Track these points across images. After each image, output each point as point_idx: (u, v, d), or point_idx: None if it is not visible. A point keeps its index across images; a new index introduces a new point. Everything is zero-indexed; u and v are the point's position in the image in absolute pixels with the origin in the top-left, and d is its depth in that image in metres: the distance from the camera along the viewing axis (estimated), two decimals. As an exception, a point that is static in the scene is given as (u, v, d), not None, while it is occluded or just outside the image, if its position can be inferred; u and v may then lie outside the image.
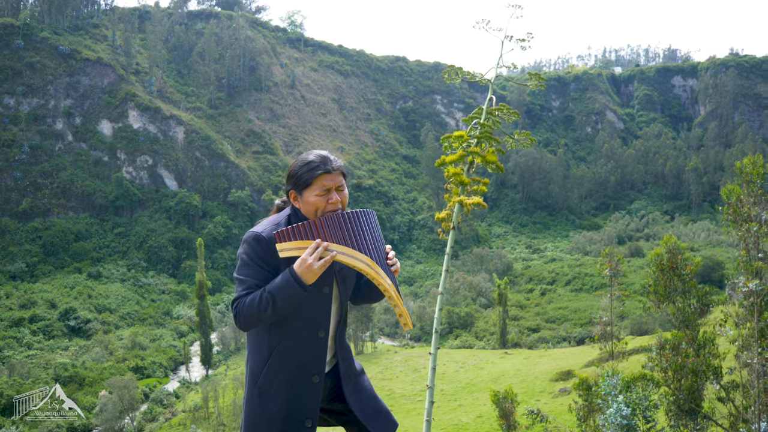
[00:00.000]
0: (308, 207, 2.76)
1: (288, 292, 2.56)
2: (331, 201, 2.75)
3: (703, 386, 13.32)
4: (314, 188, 2.74)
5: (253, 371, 2.79)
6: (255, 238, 2.71)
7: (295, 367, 2.76)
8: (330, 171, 2.77)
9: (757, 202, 9.97)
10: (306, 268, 2.57)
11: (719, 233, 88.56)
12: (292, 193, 2.82)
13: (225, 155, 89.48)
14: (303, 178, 2.75)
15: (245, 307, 2.60)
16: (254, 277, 2.66)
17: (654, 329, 48.81)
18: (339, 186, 2.78)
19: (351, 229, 2.71)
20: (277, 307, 2.57)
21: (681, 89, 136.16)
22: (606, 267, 17.18)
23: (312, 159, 2.78)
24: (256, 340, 2.80)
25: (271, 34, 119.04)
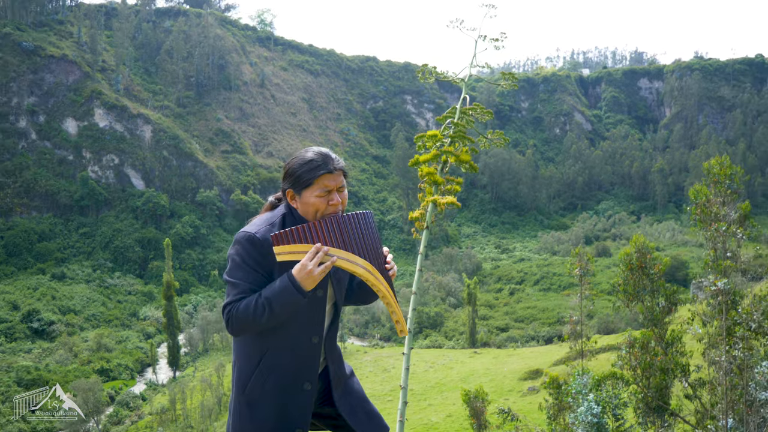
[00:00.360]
0: (307, 208, 2.63)
1: (286, 298, 2.43)
2: (332, 203, 2.63)
3: (671, 384, 13.46)
4: (315, 189, 2.60)
5: (241, 378, 2.64)
6: (248, 239, 2.55)
7: (287, 374, 2.62)
8: (332, 171, 2.63)
9: (726, 203, 10.07)
10: (306, 274, 2.43)
11: (684, 233, 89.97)
12: (290, 192, 2.68)
13: (193, 154, 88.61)
14: (303, 177, 2.61)
15: (239, 313, 2.45)
16: (247, 281, 2.52)
17: (620, 328, 49.35)
18: (340, 187, 2.65)
19: (351, 233, 2.60)
20: (274, 314, 2.43)
21: (647, 91, 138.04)
22: (576, 266, 17.27)
23: (313, 157, 2.63)
24: (245, 345, 2.65)
25: (241, 32, 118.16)
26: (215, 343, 58.93)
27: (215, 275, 74.71)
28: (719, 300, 10.38)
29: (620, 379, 13.38)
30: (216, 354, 55.81)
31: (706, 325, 12.74)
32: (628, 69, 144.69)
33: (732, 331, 10.47)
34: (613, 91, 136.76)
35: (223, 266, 74.76)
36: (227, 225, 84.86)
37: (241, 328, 2.48)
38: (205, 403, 40.73)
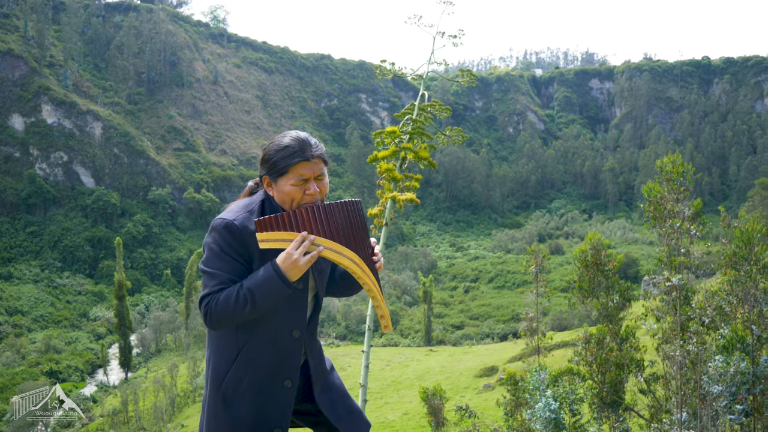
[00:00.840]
0: (282, 196, 2.49)
1: (270, 288, 2.29)
2: (308, 192, 2.49)
3: (626, 379, 13.66)
4: (290, 177, 2.47)
5: (217, 374, 2.48)
6: (226, 227, 2.39)
7: (266, 370, 2.47)
8: (309, 158, 2.48)
9: (679, 200, 10.23)
10: (291, 264, 2.30)
11: (634, 231, 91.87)
12: (266, 179, 2.54)
13: (145, 152, 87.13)
14: (278, 164, 2.47)
15: (219, 305, 2.30)
16: (227, 271, 2.36)
17: (574, 325, 50.12)
18: (319, 175, 2.52)
19: (338, 222, 2.47)
20: (256, 305, 2.29)
21: (598, 92, 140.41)
22: (531, 264, 17.42)
23: (289, 143, 2.49)
24: (221, 338, 2.49)
25: (193, 28, 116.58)
26: (168, 343, 58.10)
27: (168, 275, 73.63)
28: (673, 296, 10.55)
29: (577, 374, 13.52)
30: (169, 354, 55.02)
31: (660, 320, 12.96)
32: (579, 69, 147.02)
33: (686, 326, 10.65)
34: (565, 91, 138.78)
35: (176, 265, 73.90)
36: (180, 224, 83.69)
37: (220, 321, 2.33)
38: (158, 405, 40.11)
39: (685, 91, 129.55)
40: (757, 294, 11.72)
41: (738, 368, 10.63)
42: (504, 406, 16.18)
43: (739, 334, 11.29)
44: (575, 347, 14.22)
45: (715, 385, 11.06)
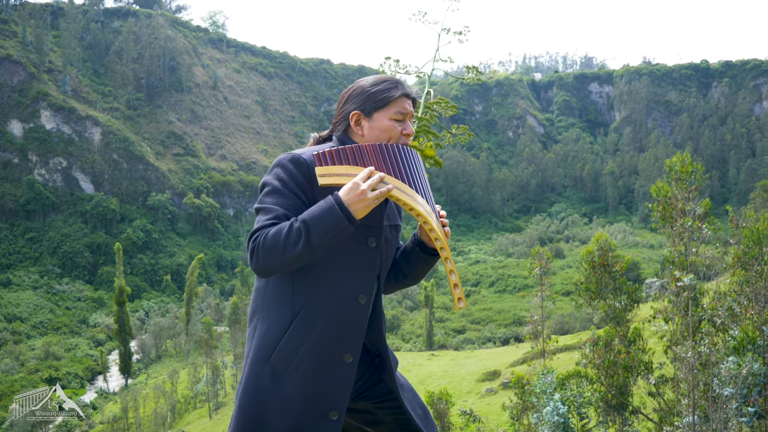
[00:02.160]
0: (377, 133, 2.15)
1: (330, 223, 1.92)
2: (406, 131, 2.18)
3: (634, 382, 13.49)
4: (390, 110, 2.15)
5: (265, 342, 2.06)
6: (292, 160, 2.06)
7: (326, 341, 2.06)
8: (410, 95, 2.20)
9: (690, 198, 10.07)
10: (357, 195, 1.95)
11: (635, 235, 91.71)
12: (357, 114, 2.18)
13: (144, 157, 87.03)
14: (378, 95, 2.15)
15: (268, 239, 1.93)
16: (285, 206, 2.01)
17: (575, 328, 49.93)
18: (412, 116, 2.22)
19: (409, 167, 2.10)
20: (311, 243, 1.91)
21: (597, 95, 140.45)
22: (536, 266, 17.27)
23: (388, 78, 2.20)
24: (273, 302, 2.08)
25: (192, 34, 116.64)
26: (168, 349, 57.88)
27: (168, 280, 73.43)
28: (684, 296, 10.37)
29: (584, 377, 13.35)
30: (169, 360, 54.81)
31: (668, 322, 12.78)
32: (578, 73, 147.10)
33: (697, 327, 10.48)
34: (565, 95, 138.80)
35: (176, 271, 73.74)
36: (180, 229, 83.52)
37: (268, 262, 1.94)
38: (158, 411, 39.89)
39: (684, 94, 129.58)
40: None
41: (750, 370, 10.47)
42: (510, 410, 16.01)
43: (749, 335, 11.12)
44: (582, 350, 14.06)
45: (727, 387, 10.89)
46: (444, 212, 2.24)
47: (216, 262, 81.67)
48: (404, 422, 2.31)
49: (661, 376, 13.88)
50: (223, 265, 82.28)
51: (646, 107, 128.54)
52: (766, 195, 56.61)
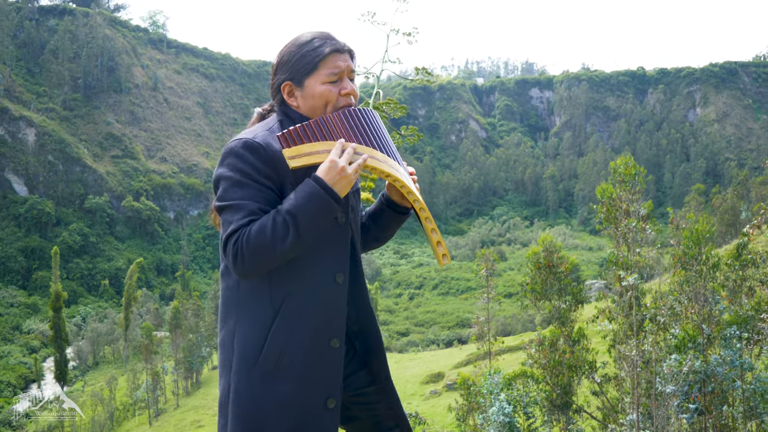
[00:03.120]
0: (313, 101, 1.95)
1: (317, 209, 1.79)
2: (345, 90, 1.96)
3: (579, 381, 13.68)
4: (321, 73, 1.94)
5: (249, 346, 1.89)
6: (246, 146, 1.85)
7: (311, 329, 1.91)
8: (341, 50, 1.97)
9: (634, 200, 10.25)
10: (338, 173, 1.81)
11: (574, 237, 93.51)
12: (287, 85, 1.97)
13: (81, 159, 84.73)
14: (305, 59, 1.94)
15: (252, 238, 1.76)
16: (255, 199, 1.83)
17: (517, 330, 50.55)
18: (351, 71, 1.99)
19: (373, 129, 1.96)
20: (301, 234, 1.77)
21: (538, 100, 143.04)
22: (483, 267, 17.38)
23: (313, 36, 1.98)
24: (249, 301, 1.91)
25: (132, 33, 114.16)
26: (106, 355, 56.48)
27: (106, 285, 71.63)
28: (628, 296, 10.54)
29: (530, 377, 13.47)
30: (107, 367, 53.47)
31: (612, 321, 12.99)
32: (520, 79, 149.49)
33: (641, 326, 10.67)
34: (506, 100, 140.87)
35: (114, 276, 71.96)
36: (118, 233, 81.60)
37: (256, 262, 1.78)
38: (96, 419, 38.87)
39: (621, 100, 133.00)
40: (707, 294, 11.86)
41: (691, 367, 10.69)
42: (456, 412, 16.05)
43: (690, 333, 11.37)
44: (527, 350, 14.18)
45: (669, 384, 11.10)
46: (412, 168, 2.12)
47: (156, 267, 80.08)
48: (377, 420, 2.16)
49: (605, 375, 14.12)
50: (164, 269, 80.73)
51: (585, 112, 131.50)
52: (701, 198, 58.44)
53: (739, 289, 13.43)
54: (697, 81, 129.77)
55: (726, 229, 46.63)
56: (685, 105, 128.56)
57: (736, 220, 47.39)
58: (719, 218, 47.38)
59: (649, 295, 13.08)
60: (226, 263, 1.92)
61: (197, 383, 47.28)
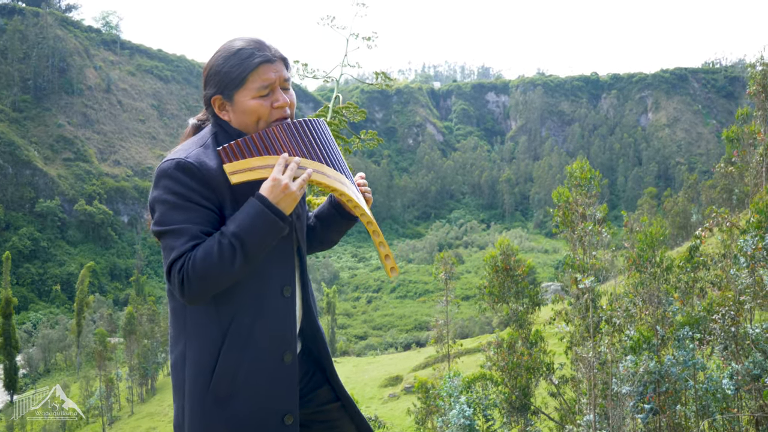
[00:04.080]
0: (244, 117, 1.86)
1: (264, 229, 1.74)
2: (278, 103, 1.87)
3: (536, 383, 13.82)
4: (251, 87, 1.85)
5: (201, 368, 1.83)
6: (179, 167, 1.77)
7: (262, 347, 1.86)
8: (272, 60, 1.87)
9: (590, 204, 10.40)
10: (282, 191, 1.76)
11: (530, 240, 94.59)
12: (217, 99, 1.89)
13: (31, 162, 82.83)
14: (233, 73, 1.84)
15: (197, 263, 1.70)
16: (195, 222, 1.76)
17: (474, 332, 50.90)
18: (284, 81, 1.90)
19: (318, 141, 1.92)
20: (248, 254, 1.73)
21: (494, 105, 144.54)
22: (441, 271, 17.46)
23: (242, 46, 1.87)
24: (197, 324, 1.86)
25: (84, 34, 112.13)
26: (58, 362, 55.28)
27: (57, 290, 70.09)
28: (585, 298, 10.69)
29: (489, 380, 13.56)
30: (59, 374, 52.33)
31: (569, 323, 13.16)
32: (476, 83, 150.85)
33: (597, 328, 10.83)
34: (463, 104, 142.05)
35: (66, 281, 70.49)
36: (70, 237, 79.95)
37: (203, 288, 1.73)
38: (47, 428, 37.98)
39: (575, 105, 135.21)
40: (661, 296, 12.10)
41: (647, 368, 10.89)
42: (415, 415, 16.08)
43: (644, 334, 11.59)
44: (486, 352, 14.29)
45: (625, 385, 11.30)
46: (363, 178, 2.11)
47: (109, 271, 78.70)
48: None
49: (562, 376, 14.29)
50: (117, 274, 79.38)
51: (541, 117, 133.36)
52: (653, 202, 59.63)
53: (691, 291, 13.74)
54: (648, 86, 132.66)
55: (677, 232, 47.61)
56: (637, 110, 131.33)
57: (687, 222, 48.41)
58: (671, 221, 48.34)
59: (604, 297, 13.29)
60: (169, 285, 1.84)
61: (152, 390, 46.57)
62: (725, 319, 11.24)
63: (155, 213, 1.80)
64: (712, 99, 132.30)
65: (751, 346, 11.30)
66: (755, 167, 18.72)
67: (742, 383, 11.24)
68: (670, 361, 11.65)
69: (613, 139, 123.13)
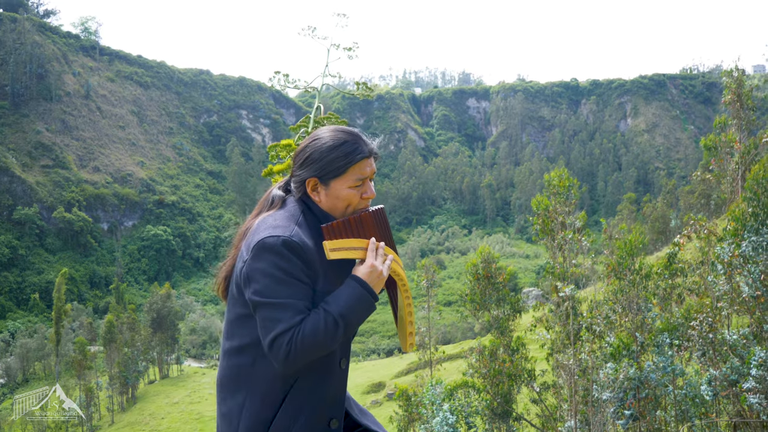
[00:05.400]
0: (336, 202, 2.02)
1: (364, 309, 1.92)
2: (366, 195, 2.04)
3: (518, 389, 13.91)
4: (348, 178, 2.01)
5: (257, 421, 1.97)
6: (286, 245, 1.89)
7: (316, 409, 2.01)
8: (368, 155, 2.05)
9: (570, 212, 10.50)
10: (377, 277, 1.93)
11: (511, 245, 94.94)
12: (313, 181, 2.03)
13: (9, 169, 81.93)
14: (335, 164, 2.00)
15: (306, 338, 1.85)
16: (299, 298, 1.89)
17: (456, 338, 51.01)
18: (373, 174, 2.09)
19: (388, 230, 2.11)
20: (348, 332, 1.92)
21: (475, 110, 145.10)
22: (423, 278, 17.51)
23: (345, 138, 2.04)
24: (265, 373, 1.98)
25: (62, 40, 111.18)
26: (36, 371, 54.65)
27: (36, 299, 69.32)
28: (565, 306, 10.79)
29: (472, 387, 13.62)
30: (37, 383, 51.68)
31: (550, 330, 13.27)
32: (457, 89, 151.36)
33: (577, 335, 10.93)
34: (444, 110, 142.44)
35: (45, 289, 69.68)
36: (49, 245, 79.12)
37: (305, 358, 1.87)
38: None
39: (555, 110, 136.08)
40: (640, 302, 12.24)
41: (626, 374, 11.01)
42: (397, 423, 16.09)
43: (624, 341, 11.71)
44: (468, 359, 14.36)
45: (605, 391, 11.41)
46: None
47: (89, 279, 77.96)
48: None
49: (544, 383, 14.38)
50: (97, 281, 78.66)
51: (521, 122, 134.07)
52: (632, 207, 60.15)
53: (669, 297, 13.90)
54: (627, 92, 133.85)
55: (657, 237, 48.04)
56: (617, 115, 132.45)
57: (666, 228, 48.88)
58: (650, 226, 48.79)
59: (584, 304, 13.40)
60: (240, 342, 2.00)
61: (133, 398, 46.19)
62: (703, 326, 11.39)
63: (255, 284, 1.90)
64: (690, 104, 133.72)
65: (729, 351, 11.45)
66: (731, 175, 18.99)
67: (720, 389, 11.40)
68: (649, 367, 11.79)
69: (593, 144, 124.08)
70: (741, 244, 10.23)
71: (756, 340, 11.20)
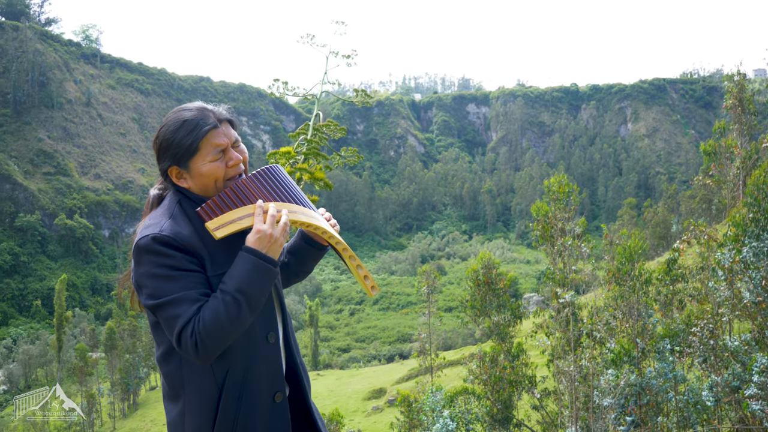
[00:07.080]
0: (202, 180, 1.96)
1: (262, 279, 1.85)
2: (231, 162, 1.97)
3: (519, 396, 13.89)
4: (204, 153, 1.95)
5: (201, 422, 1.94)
6: (158, 240, 1.85)
7: (255, 391, 1.97)
8: (217, 125, 1.97)
9: (570, 218, 10.50)
10: (268, 241, 1.87)
11: (512, 251, 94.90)
12: (174, 169, 1.98)
13: (11, 176, 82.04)
14: (184, 144, 1.93)
15: (208, 325, 1.78)
16: (190, 287, 1.84)
17: (457, 344, 50.94)
18: (234, 141, 2.01)
19: (282, 184, 2.04)
20: (252, 305, 1.83)
21: (475, 116, 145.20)
22: (424, 284, 17.52)
23: (188, 117, 1.96)
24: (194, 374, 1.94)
25: (64, 48, 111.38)
26: (39, 378, 54.63)
27: (38, 306, 69.33)
28: (565, 312, 10.78)
29: (472, 393, 13.60)
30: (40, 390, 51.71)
31: (550, 336, 13.25)
32: (457, 94, 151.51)
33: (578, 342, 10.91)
34: (444, 116, 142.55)
35: (47, 296, 69.71)
36: (51, 251, 79.18)
37: (215, 345, 1.80)
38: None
39: (555, 115, 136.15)
40: (640, 308, 12.23)
41: (627, 381, 10.99)
42: (398, 429, 16.07)
43: (625, 347, 11.69)
44: (468, 365, 14.34)
45: (606, 398, 11.39)
46: (323, 210, 2.19)
47: (90, 286, 77.99)
48: None
49: (544, 389, 14.36)
50: (98, 288, 78.68)
51: (521, 128, 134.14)
52: (633, 212, 60.15)
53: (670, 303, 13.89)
54: (627, 97, 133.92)
55: (658, 242, 48.01)
56: (617, 120, 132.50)
57: (668, 233, 48.85)
58: (651, 231, 48.78)
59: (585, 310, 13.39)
60: (162, 350, 1.95)
61: (135, 405, 46.14)
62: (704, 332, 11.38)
63: (144, 288, 1.87)
64: (691, 109, 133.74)
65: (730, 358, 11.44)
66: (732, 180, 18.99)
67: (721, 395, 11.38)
68: (651, 373, 11.77)
69: (593, 149, 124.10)
70: (742, 250, 10.22)
71: (758, 346, 11.20)
